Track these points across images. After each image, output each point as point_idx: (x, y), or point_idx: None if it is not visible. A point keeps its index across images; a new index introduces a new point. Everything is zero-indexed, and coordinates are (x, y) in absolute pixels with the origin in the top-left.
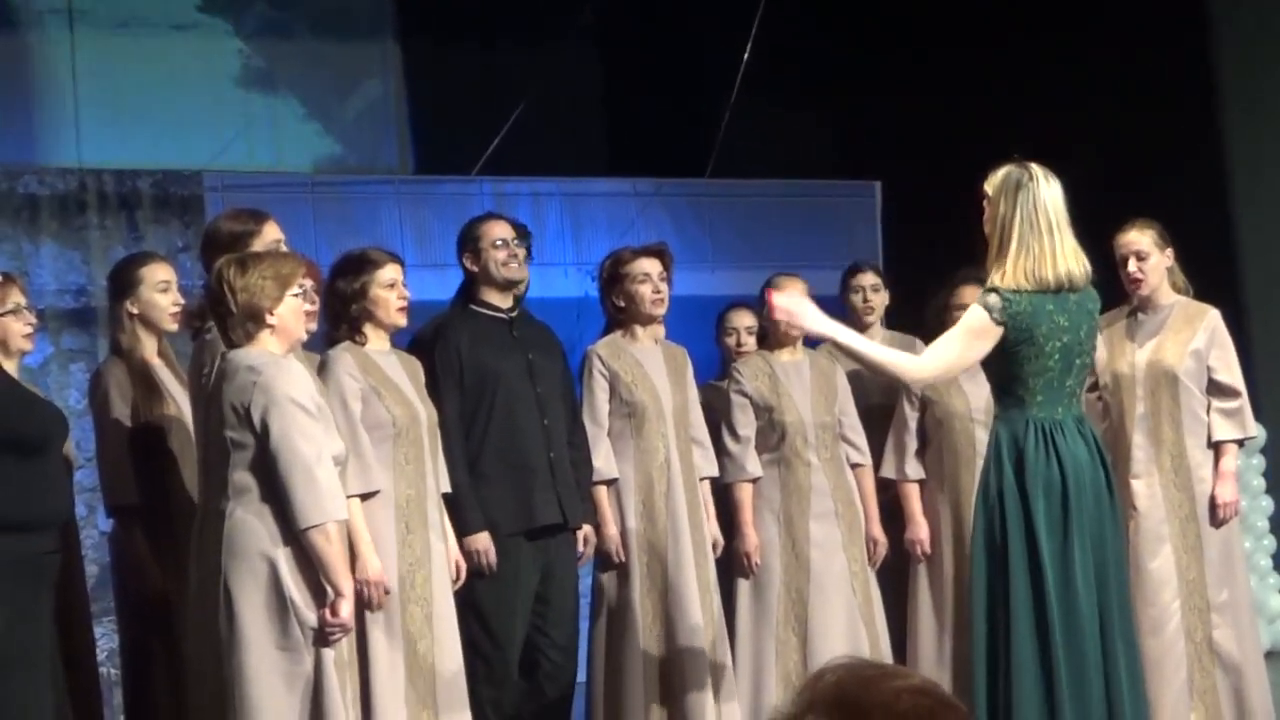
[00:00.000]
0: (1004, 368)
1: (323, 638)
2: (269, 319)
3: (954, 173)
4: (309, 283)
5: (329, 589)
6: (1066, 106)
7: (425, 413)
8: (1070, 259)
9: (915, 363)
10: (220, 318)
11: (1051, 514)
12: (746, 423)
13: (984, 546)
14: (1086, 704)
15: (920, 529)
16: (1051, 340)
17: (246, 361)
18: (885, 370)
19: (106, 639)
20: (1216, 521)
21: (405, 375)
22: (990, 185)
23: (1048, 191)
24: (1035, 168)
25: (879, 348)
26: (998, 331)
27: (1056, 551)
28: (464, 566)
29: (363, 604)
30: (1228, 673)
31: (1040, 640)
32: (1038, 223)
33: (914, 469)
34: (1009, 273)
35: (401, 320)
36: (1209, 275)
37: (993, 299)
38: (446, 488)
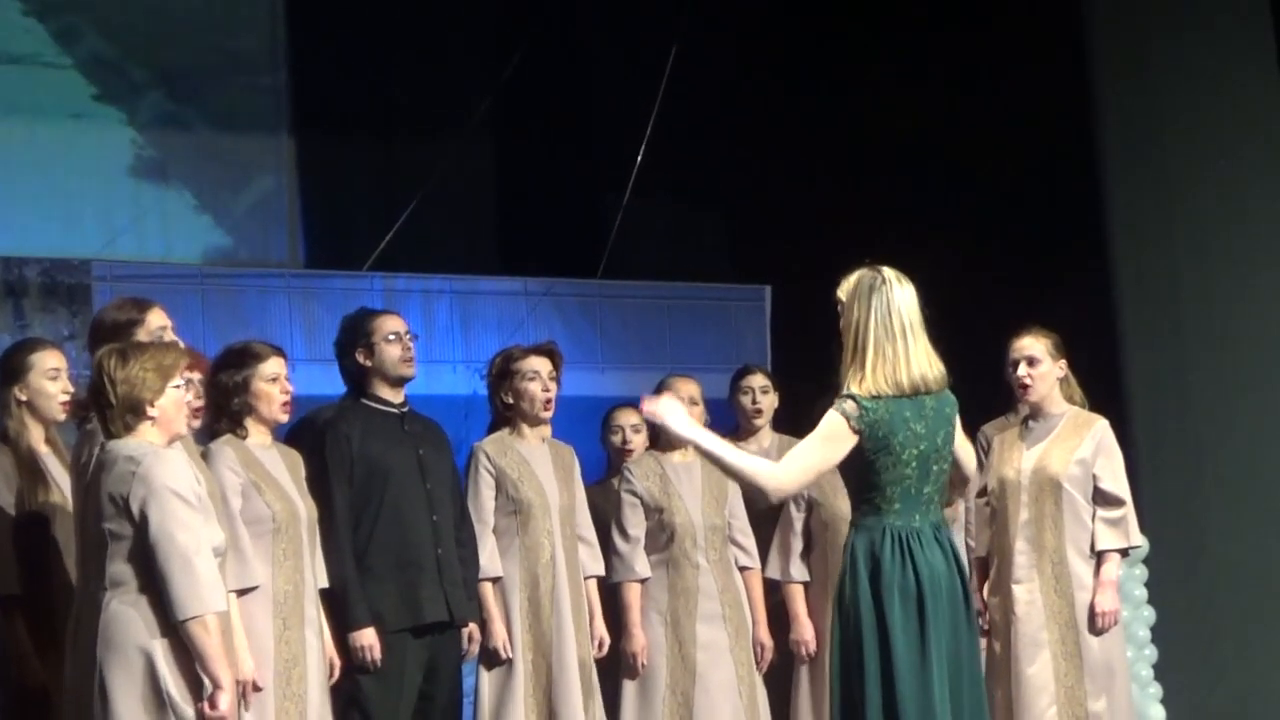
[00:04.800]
0: (861, 476)
1: None
2: (149, 411)
3: (843, 278)
4: (195, 375)
5: (207, 681)
6: (955, 216)
7: (305, 508)
8: (924, 363)
9: (773, 472)
10: (101, 409)
11: (908, 623)
12: (636, 522)
13: (839, 658)
14: None
15: (805, 629)
16: (908, 448)
17: (125, 452)
18: (745, 478)
19: None
20: (1095, 630)
21: (285, 470)
22: (843, 291)
23: (900, 295)
24: (888, 271)
25: (740, 455)
26: (854, 438)
27: (913, 661)
28: (339, 663)
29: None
30: None
31: None
32: (891, 326)
33: (799, 570)
34: (868, 378)
35: (284, 415)
36: (1095, 386)
37: (849, 405)
38: (324, 583)
